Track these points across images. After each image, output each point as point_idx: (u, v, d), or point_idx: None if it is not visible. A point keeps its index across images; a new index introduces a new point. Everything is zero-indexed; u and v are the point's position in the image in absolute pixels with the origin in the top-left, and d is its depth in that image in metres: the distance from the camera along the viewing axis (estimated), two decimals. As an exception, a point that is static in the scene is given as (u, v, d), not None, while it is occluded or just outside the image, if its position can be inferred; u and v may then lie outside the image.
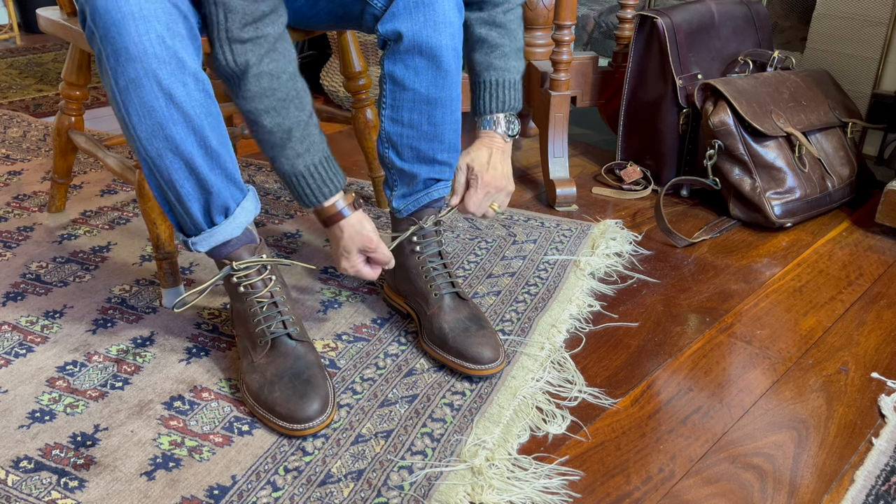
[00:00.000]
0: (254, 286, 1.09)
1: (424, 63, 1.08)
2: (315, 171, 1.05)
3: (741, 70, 1.85)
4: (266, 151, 1.05)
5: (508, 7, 1.14)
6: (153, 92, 0.92)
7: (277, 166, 1.05)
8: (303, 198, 1.07)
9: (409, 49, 1.07)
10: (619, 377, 1.18)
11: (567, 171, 1.79)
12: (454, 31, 1.08)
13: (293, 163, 1.03)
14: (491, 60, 1.15)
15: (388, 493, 0.93)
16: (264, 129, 1.02)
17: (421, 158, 1.16)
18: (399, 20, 1.05)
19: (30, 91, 2.61)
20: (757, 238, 1.64)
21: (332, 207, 1.08)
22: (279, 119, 1.01)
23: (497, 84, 1.16)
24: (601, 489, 0.96)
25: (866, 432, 1.08)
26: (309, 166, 1.04)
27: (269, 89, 0.99)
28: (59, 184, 1.63)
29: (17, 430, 1.02)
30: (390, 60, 1.09)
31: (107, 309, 1.30)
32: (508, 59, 1.16)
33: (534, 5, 1.99)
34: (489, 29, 1.14)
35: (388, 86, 1.11)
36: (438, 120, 1.13)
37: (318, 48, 2.63)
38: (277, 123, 1.01)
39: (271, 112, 1.00)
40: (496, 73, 1.15)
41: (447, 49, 1.08)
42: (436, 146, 1.15)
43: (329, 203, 1.07)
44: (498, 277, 1.43)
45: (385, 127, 1.15)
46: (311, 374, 1.05)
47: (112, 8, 0.88)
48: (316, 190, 1.06)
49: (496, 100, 1.17)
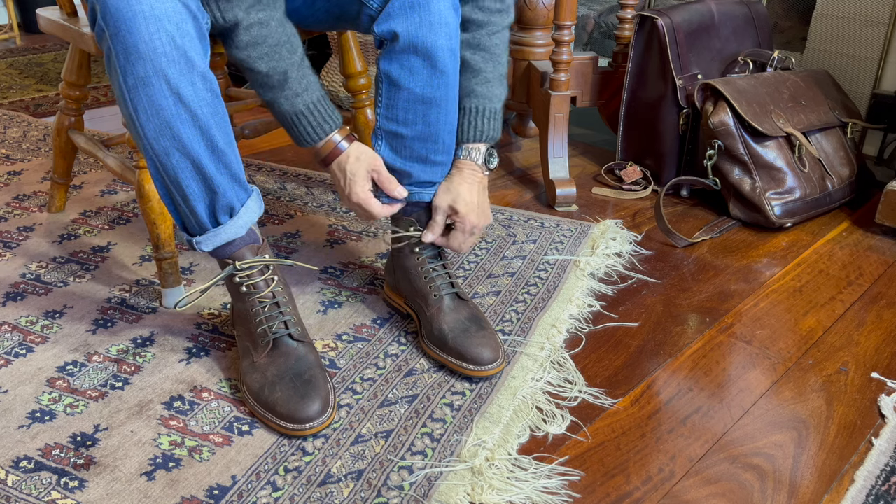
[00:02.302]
0: (256, 286, 1.09)
1: (420, 63, 1.07)
2: (314, 109, 1.08)
3: (741, 70, 1.85)
4: (264, 95, 1.08)
5: (494, 30, 1.13)
6: (162, 91, 0.92)
7: (277, 107, 1.08)
8: (305, 136, 1.10)
9: (405, 49, 1.07)
10: (619, 377, 1.18)
11: (567, 171, 1.79)
12: (450, 31, 1.07)
13: (292, 102, 1.07)
14: (472, 86, 1.14)
15: (388, 493, 0.93)
16: (261, 74, 1.05)
17: (415, 158, 1.16)
18: (395, 20, 1.05)
19: (30, 91, 2.61)
20: (757, 238, 1.64)
21: (331, 142, 1.11)
22: (273, 63, 1.04)
23: (477, 112, 1.15)
24: (601, 489, 0.96)
25: (866, 432, 1.08)
26: (308, 104, 1.07)
27: (260, 37, 1.03)
28: (59, 184, 1.63)
29: (17, 430, 1.02)
30: (386, 60, 1.09)
31: (107, 309, 1.30)
32: (491, 85, 1.14)
33: (534, 5, 1.99)
34: (472, 52, 1.13)
35: (384, 85, 1.11)
36: (433, 120, 1.12)
37: (318, 48, 2.63)
38: (272, 67, 1.04)
39: (265, 58, 1.04)
40: (477, 100, 1.14)
41: (443, 49, 1.07)
42: (430, 146, 1.14)
43: (329, 138, 1.11)
44: (498, 277, 1.43)
45: (380, 125, 1.15)
46: (313, 375, 1.05)
47: (123, 7, 0.89)
48: (317, 126, 1.09)
49: (475, 129, 1.16)
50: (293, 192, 1.79)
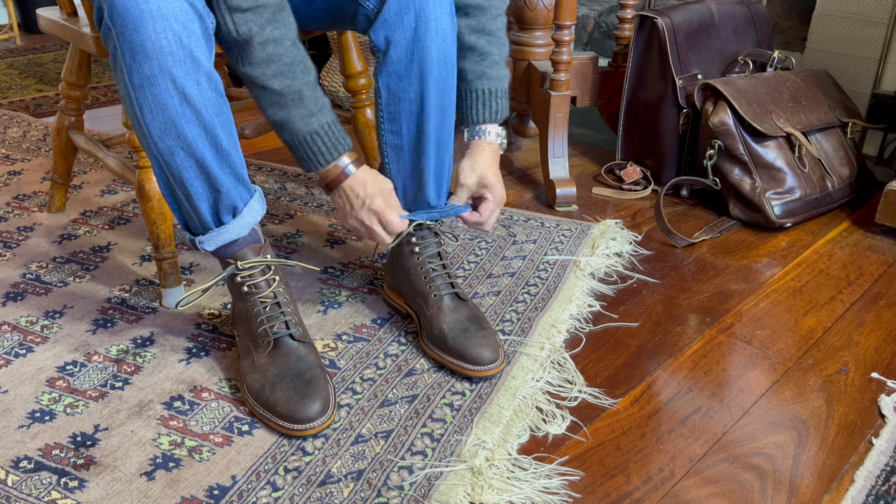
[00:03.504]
0: (257, 286, 1.09)
1: (417, 72, 1.07)
2: (329, 130, 1.06)
3: (741, 70, 1.85)
4: (275, 115, 1.05)
5: (495, 13, 1.14)
6: (167, 90, 0.93)
7: (290, 126, 1.05)
8: (317, 157, 1.08)
9: (401, 58, 1.07)
10: (619, 377, 1.18)
11: (567, 171, 1.79)
12: (445, 39, 1.07)
13: (308, 121, 1.05)
14: (483, 69, 1.15)
15: (388, 493, 0.93)
16: (274, 92, 1.03)
17: (415, 169, 1.16)
18: (389, 28, 1.05)
19: (30, 91, 2.61)
20: (757, 238, 1.64)
21: (338, 166, 1.09)
22: (288, 81, 1.02)
23: (491, 93, 1.16)
24: (601, 489, 0.96)
25: (866, 432, 1.08)
26: (324, 125, 1.06)
27: (276, 55, 1.01)
28: (59, 184, 1.63)
29: (17, 430, 1.02)
30: (384, 72, 1.09)
31: (107, 309, 1.30)
32: (499, 67, 1.16)
33: (534, 5, 1.99)
34: (478, 37, 1.14)
35: (384, 98, 1.11)
36: (433, 130, 1.12)
37: (318, 48, 2.63)
38: (287, 85, 1.02)
39: (279, 76, 1.02)
40: (489, 81, 1.15)
41: (439, 57, 1.07)
42: (432, 157, 1.15)
43: (341, 162, 1.09)
44: (498, 277, 1.43)
45: (386, 139, 1.15)
46: (313, 375, 1.05)
47: (130, 6, 0.89)
48: (331, 147, 1.07)
49: (490, 109, 1.17)
50: (293, 192, 1.79)
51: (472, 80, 1.15)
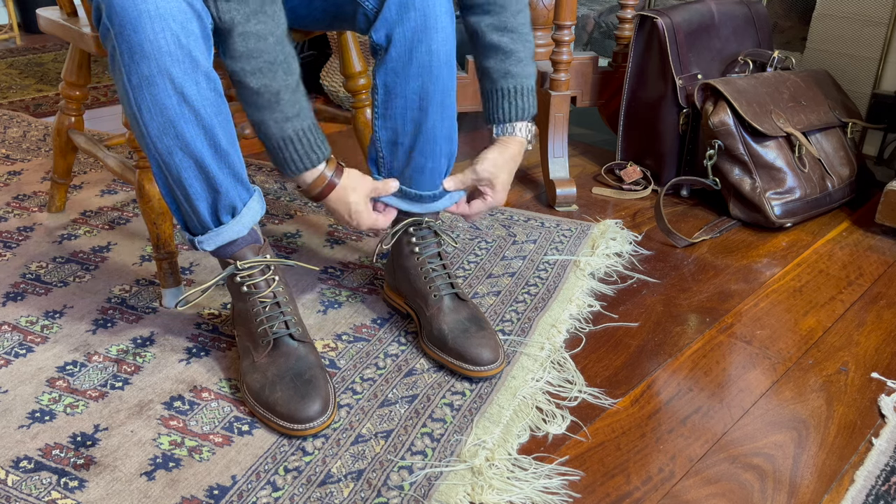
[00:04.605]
0: (257, 286, 1.09)
1: (416, 70, 1.07)
2: (304, 136, 1.02)
3: (741, 70, 1.85)
4: (252, 114, 1.02)
5: (518, 9, 1.13)
6: (166, 90, 0.92)
7: (264, 130, 1.02)
8: (290, 163, 1.04)
9: (401, 56, 1.07)
10: (619, 377, 1.18)
11: (567, 171, 1.79)
12: (446, 37, 1.07)
13: (282, 126, 1.01)
14: (507, 67, 1.14)
15: (388, 493, 0.93)
16: (251, 91, 0.99)
17: (413, 167, 1.16)
18: (390, 26, 1.05)
19: (30, 91, 2.61)
20: (757, 238, 1.64)
21: (323, 177, 1.07)
22: (266, 81, 0.98)
23: (516, 91, 1.15)
24: (601, 489, 0.96)
25: (866, 432, 1.08)
26: (298, 131, 1.02)
27: (256, 50, 0.97)
28: (59, 184, 1.63)
29: (17, 430, 1.02)
30: (382, 69, 1.09)
31: (107, 309, 1.30)
32: (524, 64, 1.15)
33: (534, 5, 1.99)
34: (501, 34, 1.13)
35: (381, 94, 1.11)
36: (429, 127, 1.12)
37: (318, 48, 2.63)
38: (265, 85, 0.98)
39: (258, 73, 0.98)
40: (514, 80, 1.15)
41: (439, 55, 1.07)
42: (427, 154, 1.15)
43: (318, 172, 1.06)
44: (498, 277, 1.43)
45: (379, 136, 1.14)
46: (313, 375, 1.05)
47: (129, 6, 0.89)
48: (304, 156, 1.03)
49: (516, 108, 1.17)
50: (293, 192, 1.79)
51: (498, 79, 1.15)
